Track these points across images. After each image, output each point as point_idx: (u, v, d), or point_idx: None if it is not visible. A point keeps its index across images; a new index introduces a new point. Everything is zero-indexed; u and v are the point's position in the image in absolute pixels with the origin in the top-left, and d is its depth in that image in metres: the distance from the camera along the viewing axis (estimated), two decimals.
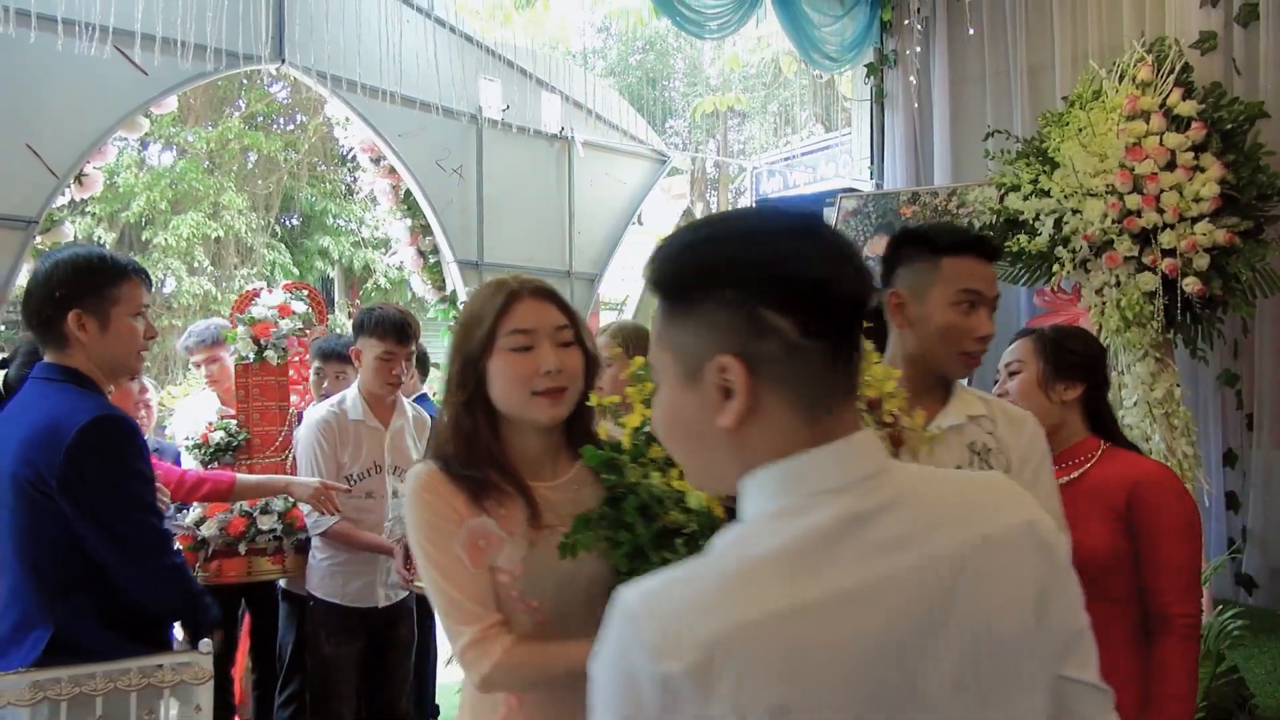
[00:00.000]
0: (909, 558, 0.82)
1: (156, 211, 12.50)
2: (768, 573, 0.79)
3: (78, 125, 3.98)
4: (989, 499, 0.90)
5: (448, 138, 5.27)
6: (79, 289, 2.03)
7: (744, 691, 0.74)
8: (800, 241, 0.85)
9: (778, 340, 0.82)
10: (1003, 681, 0.84)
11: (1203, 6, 4.05)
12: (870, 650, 0.79)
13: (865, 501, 0.84)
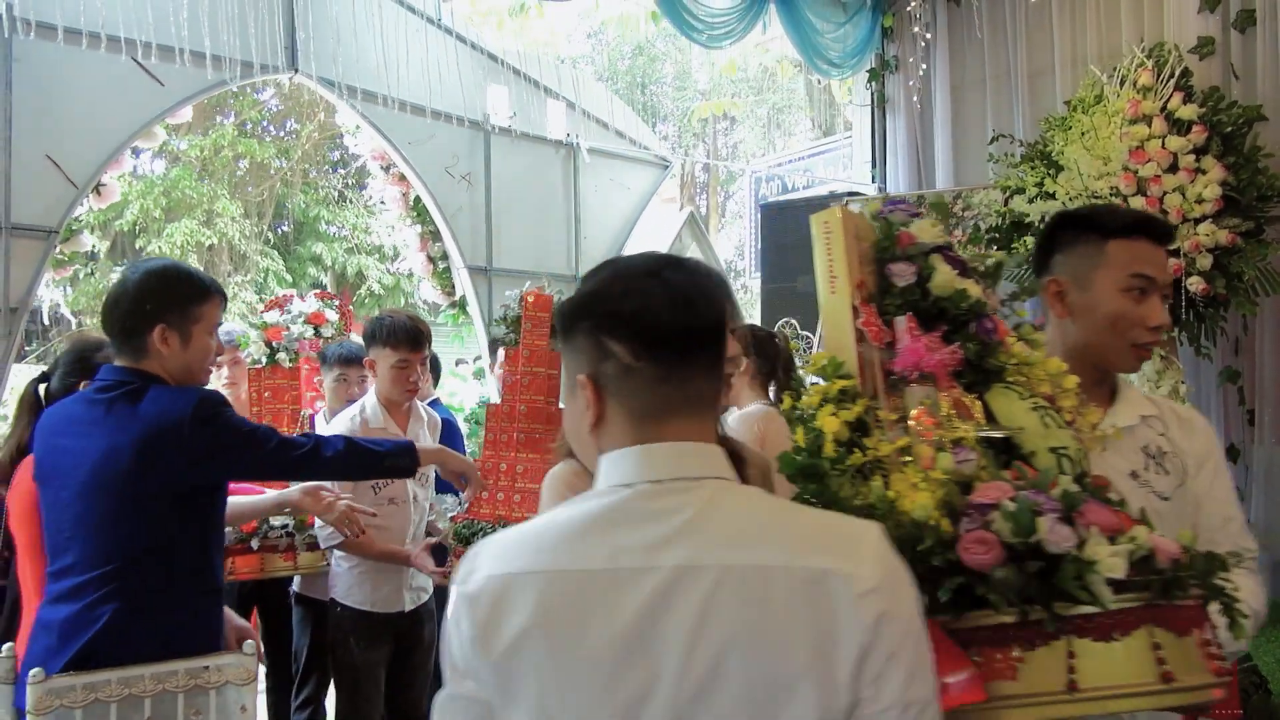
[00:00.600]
0: (668, 558, 0.95)
1: (150, 219, 12.50)
2: (548, 537, 1.00)
3: (96, 136, 4.02)
4: (807, 538, 0.98)
5: (456, 145, 5.33)
6: (168, 304, 2.12)
7: (492, 624, 0.97)
8: (641, 283, 1.03)
9: (615, 363, 1.01)
10: (723, 703, 0.93)
11: (1200, 12, 4.15)
12: (605, 626, 0.95)
13: (650, 502, 0.99)
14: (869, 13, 5.19)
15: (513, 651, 0.97)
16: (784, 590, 0.94)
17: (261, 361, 3.32)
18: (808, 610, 0.93)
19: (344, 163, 15.79)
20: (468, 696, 1.02)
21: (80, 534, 2.11)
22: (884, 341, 1.33)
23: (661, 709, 0.94)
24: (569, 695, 0.96)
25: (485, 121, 5.46)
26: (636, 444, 1.02)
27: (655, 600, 0.95)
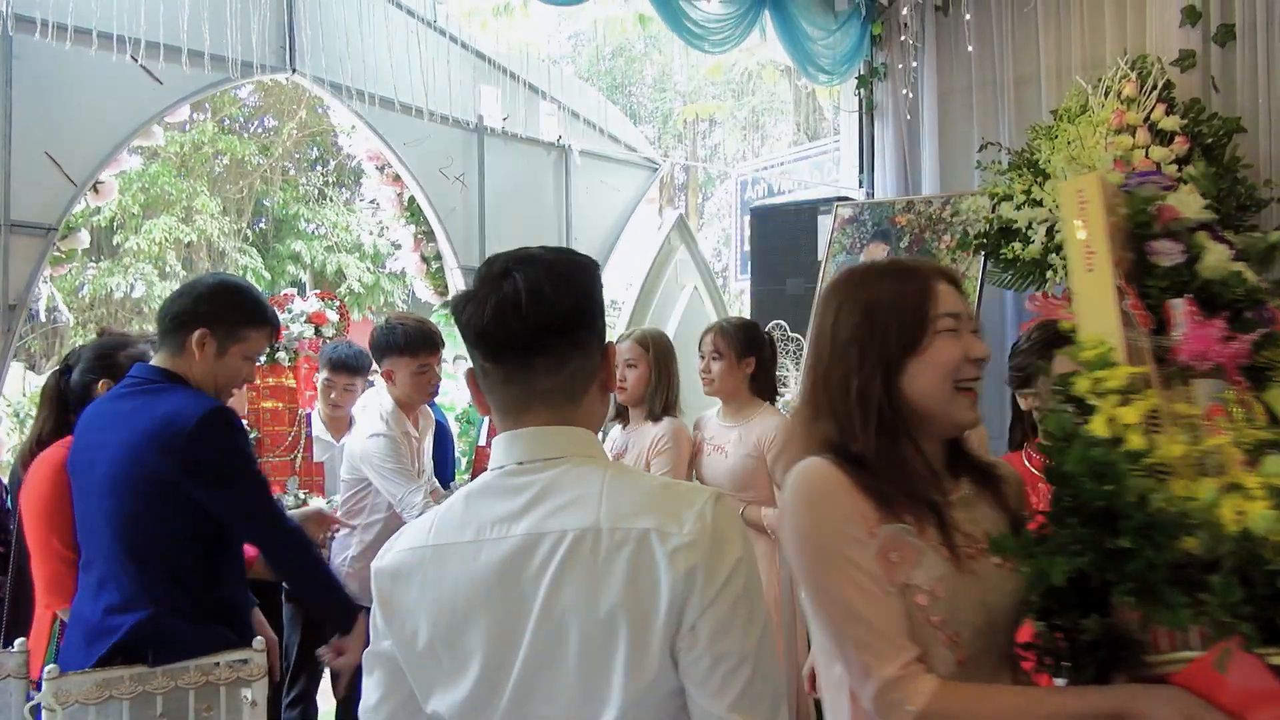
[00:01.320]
0: (518, 528, 1.10)
1: (128, 215, 12.39)
2: (439, 517, 1.17)
3: (95, 134, 4.03)
4: (632, 504, 1.08)
5: (450, 146, 5.37)
6: (220, 312, 2.18)
7: (393, 592, 1.15)
8: (482, 290, 1.14)
9: (477, 365, 1.17)
10: (567, 674, 1.07)
11: (1182, 26, 4.26)
12: (470, 588, 1.10)
13: (509, 479, 1.13)
14: (859, 21, 5.28)
15: (407, 613, 1.14)
16: (610, 549, 1.05)
17: (260, 360, 3.34)
18: (630, 567, 1.04)
19: (323, 160, 15.73)
20: (382, 652, 1.18)
21: (100, 528, 2.14)
22: (1151, 327, 1.22)
23: (521, 659, 1.08)
24: (457, 647, 1.11)
25: (479, 123, 5.50)
26: (506, 431, 1.17)
27: (507, 566, 1.09)
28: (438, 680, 1.14)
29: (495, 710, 1.10)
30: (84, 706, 2.18)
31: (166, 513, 2.09)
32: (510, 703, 1.09)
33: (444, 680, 1.13)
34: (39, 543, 2.46)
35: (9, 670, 2.31)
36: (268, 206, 14.74)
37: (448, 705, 1.12)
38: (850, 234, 4.82)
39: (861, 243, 4.77)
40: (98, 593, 2.14)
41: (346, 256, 14.79)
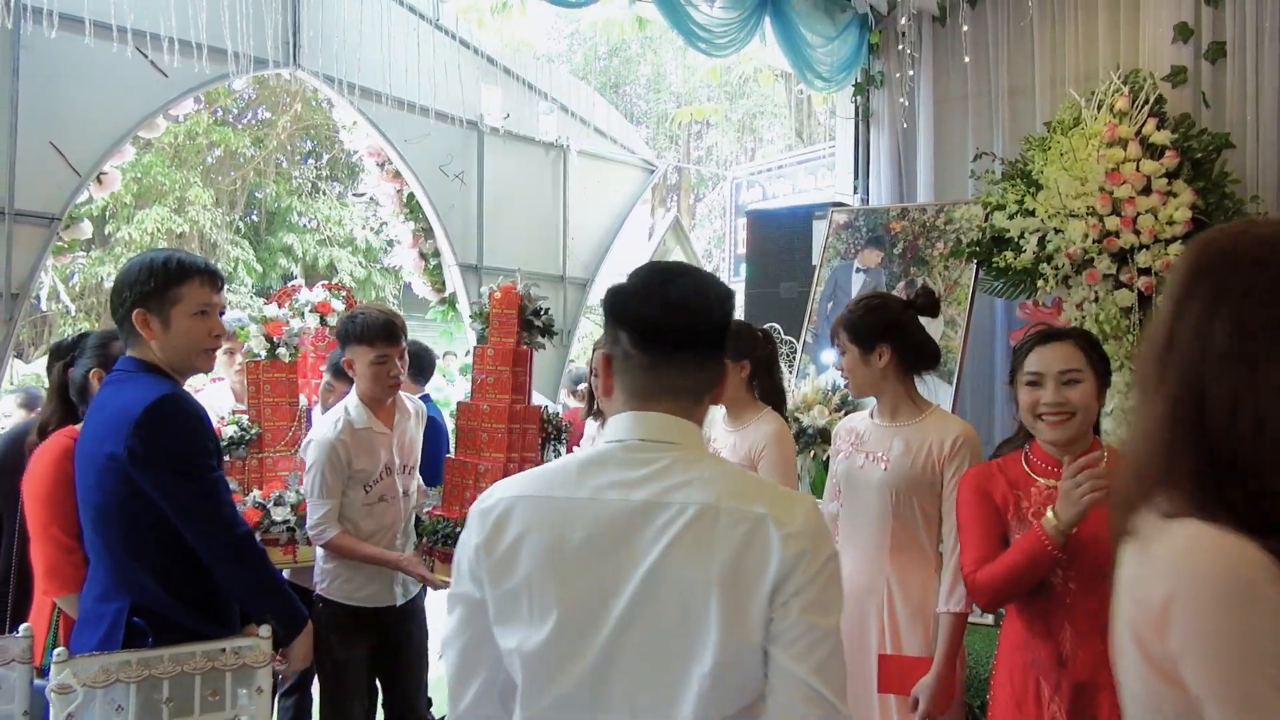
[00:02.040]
0: (637, 495, 1.23)
1: (121, 205, 12.35)
2: (549, 473, 1.30)
3: (100, 125, 4.05)
4: (749, 492, 1.23)
5: (451, 144, 5.41)
6: (143, 289, 2.16)
7: (496, 532, 1.26)
8: (652, 288, 1.29)
9: (620, 348, 1.29)
10: (668, 626, 1.19)
11: (1174, 42, 4.34)
12: (580, 541, 1.22)
13: (632, 454, 1.26)
14: (857, 29, 5.35)
15: (509, 553, 1.25)
16: (727, 525, 1.19)
17: (260, 355, 3.32)
18: (744, 543, 1.19)
19: (316, 154, 15.71)
20: (465, 595, 1.30)
21: (85, 519, 2.19)
22: None
23: (621, 608, 1.20)
24: (549, 589, 1.23)
25: (479, 122, 5.54)
26: (630, 411, 1.29)
27: (624, 527, 1.22)
28: (521, 620, 1.24)
29: (581, 655, 1.21)
30: (91, 689, 2.21)
31: (132, 503, 2.10)
32: (601, 651, 1.21)
33: (528, 621, 1.24)
34: (39, 529, 2.49)
35: (13, 655, 2.33)
36: (260, 199, 14.71)
37: (531, 644, 1.23)
38: (845, 239, 4.88)
39: (856, 248, 4.84)
40: (90, 583, 2.19)
41: (339, 250, 14.78)
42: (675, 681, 1.20)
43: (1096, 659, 2.06)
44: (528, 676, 1.25)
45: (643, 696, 1.21)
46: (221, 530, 2.18)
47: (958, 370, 4.29)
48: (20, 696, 2.30)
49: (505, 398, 3.02)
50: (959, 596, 2.34)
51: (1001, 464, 2.28)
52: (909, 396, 2.55)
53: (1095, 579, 2.05)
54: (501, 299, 3.04)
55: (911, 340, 2.52)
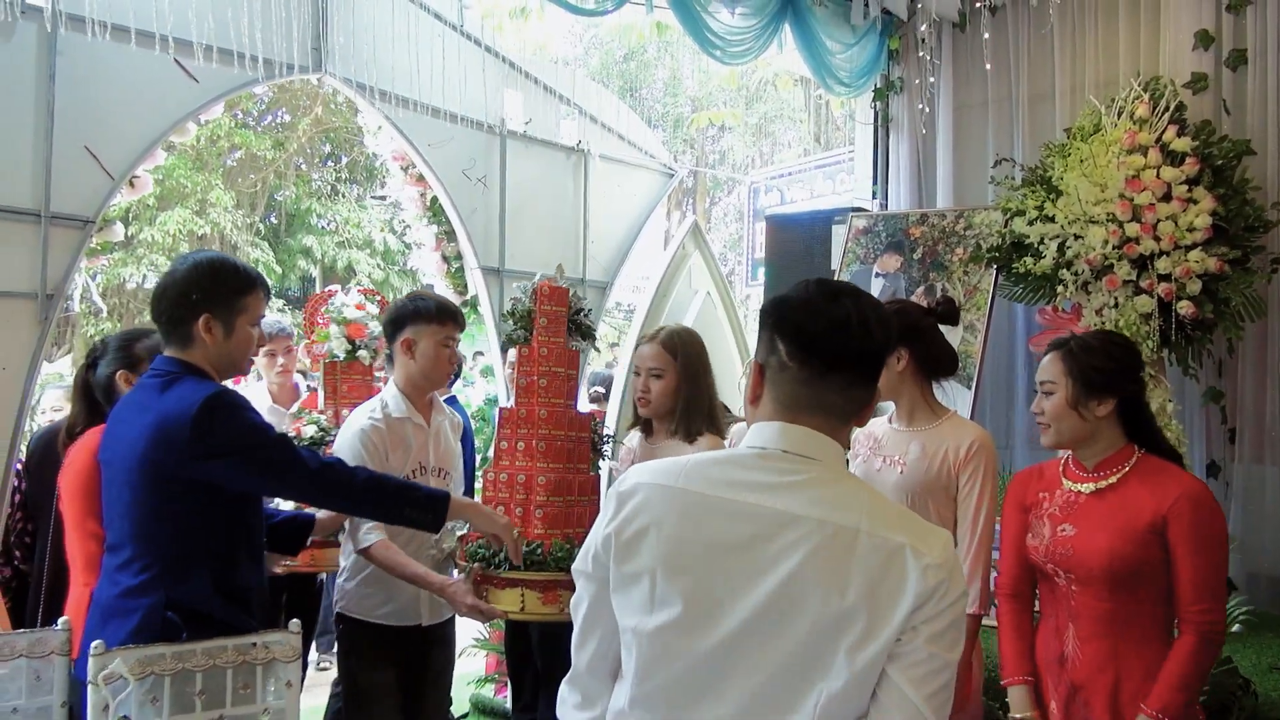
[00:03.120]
0: (776, 503, 1.25)
1: (144, 206, 12.48)
2: (689, 466, 1.32)
3: (133, 129, 4.11)
4: (890, 520, 1.25)
5: (473, 148, 5.46)
6: (212, 295, 2.21)
7: (629, 515, 1.31)
8: (818, 303, 1.31)
9: (778, 358, 1.31)
10: (795, 637, 1.22)
11: (1195, 49, 4.35)
12: (714, 537, 1.26)
13: (775, 463, 1.28)
14: (877, 35, 5.38)
15: (638, 536, 1.29)
16: (867, 549, 1.22)
17: (339, 356, 3.30)
18: (882, 569, 1.21)
19: (336, 156, 15.83)
20: (589, 573, 1.36)
21: (121, 516, 2.21)
22: None
23: (748, 610, 1.23)
24: (675, 577, 1.26)
25: (501, 126, 5.60)
26: (778, 421, 1.31)
27: (758, 532, 1.25)
28: (643, 602, 1.29)
29: (699, 647, 1.25)
30: (126, 681, 2.27)
31: (174, 505, 2.15)
32: (720, 645, 1.24)
33: (650, 604, 1.28)
34: (76, 524, 2.55)
35: (53, 647, 2.39)
36: (280, 201, 14.84)
37: (649, 626, 1.28)
38: (864, 244, 4.91)
39: (875, 253, 4.86)
40: (116, 576, 2.21)
41: (357, 252, 14.90)
42: (794, 693, 1.23)
43: (1095, 662, 2.11)
44: (642, 657, 1.29)
45: (756, 701, 1.24)
46: (312, 473, 2.23)
47: (977, 375, 4.32)
48: (59, 688, 2.36)
49: (561, 402, 2.73)
50: (972, 598, 2.39)
51: (1045, 466, 2.35)
52: (925, 401, 2.59)
53: (1099, 585, 2.10)
54: (550, 294, 2.75)
55: (929, 346, 2.56)
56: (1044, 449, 2.39)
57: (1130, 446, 2.18)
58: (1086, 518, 2.14)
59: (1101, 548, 2.07)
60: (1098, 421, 2.16)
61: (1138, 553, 2.04)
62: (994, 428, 4.93)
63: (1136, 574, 2.05)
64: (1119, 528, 2.07)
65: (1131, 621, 2.08)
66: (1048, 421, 2.22)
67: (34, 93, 3.84)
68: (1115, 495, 2.13)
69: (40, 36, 3.84)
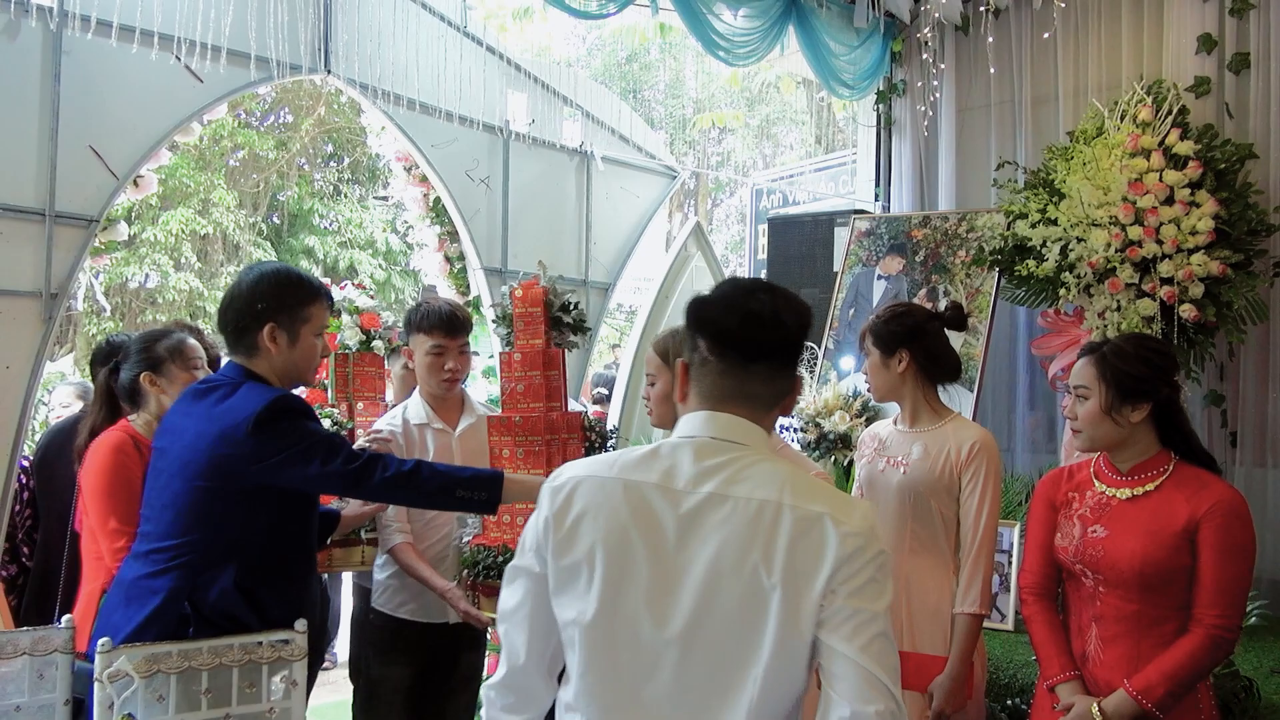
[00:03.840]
0: (705, 487, 1.30)
1: (146, 206, 12.49)
2: (622, 458, 1.37)
3: (138, 129, 4.13)
4: (811, 493, 1.30)
5: (476, 149, 5.48)
6: (278, 304, 2.25)
7: (564, 507, 1.35)
8: (734, 299, 1.38)
9: (699, 354, 1.39)
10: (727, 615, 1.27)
11: (1198, 53, 4.36)
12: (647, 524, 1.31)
13: (702, 448, 1.34)
14: (880, 38, 5.38)
15: (574, 528, 1.34)
16: (789, 521, 1.27)
17: (352, 347, 3.20)
18: (803, 538, 1.26)
19: (338, 156, 15.84)
20: (526, 568, 1.39)
21: (165, 506, 2.24)
22: None
23: (683, 595, 1.28)
24: (612, 566, 1.31)
25: (505, 127, 5.61)
26: (705, 410, 1.38)
27: (688, 515, 1.30)
28: (581, 593, 1.32)
29: (639, 634, 1.30)
30: (132, 679, 2.28)
31: (218, 506, 2.18)
32: (658, 631, 1.28)
33: (587, 595, 1.31)
34: (99, 521, 2.55)
35: (55, 646, 2.40)
36: (282, 201, 14.85)
37: (588, 617, 1.32)
38: (866, 246, 4.92)
39: (878, 255, 4.87)
40: (146, 559, 2.25)
41: (359, 252, 14.89)
42: (731, 672, 1.26)
43: (1117, 662, 2.12)
44: (583, 650, 1.32)
45: (695, 682, 1.28)
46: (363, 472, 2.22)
47: (979, 378, 4.32)
48: (62, 686, 2.36)
49: (539, 405, 2.74)
50: (973, 598, 2.42)
51: (1076, 467, 2.35)
52: (927, 403, 2.61)
53: (1125, 589, 2.11)
54: (524, 296, 2.78)
55: (931, 349, 2.59)
56: (1045, 451, 2.42)
57: (1165, 453, 2.17)
58: (1119, 521, 2.14)
59: (1134, 551, 2.08)
60: (1132, 427, 2.15)
61: (1170, 558, 2.05)
62: (996, 430, 4.93)
63: (1165, 579, 2.06)
64: (1152, 532, 2.08)
65: (1155, 625, 2.09)
66: (1081, 426, 2.21)
67: (39, 92, 3.85)
68: (1150, 501, 2.12)
69: (46, 36, 3.86)
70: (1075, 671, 2.18)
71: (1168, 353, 2.23)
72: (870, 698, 1.22)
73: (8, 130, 3.79)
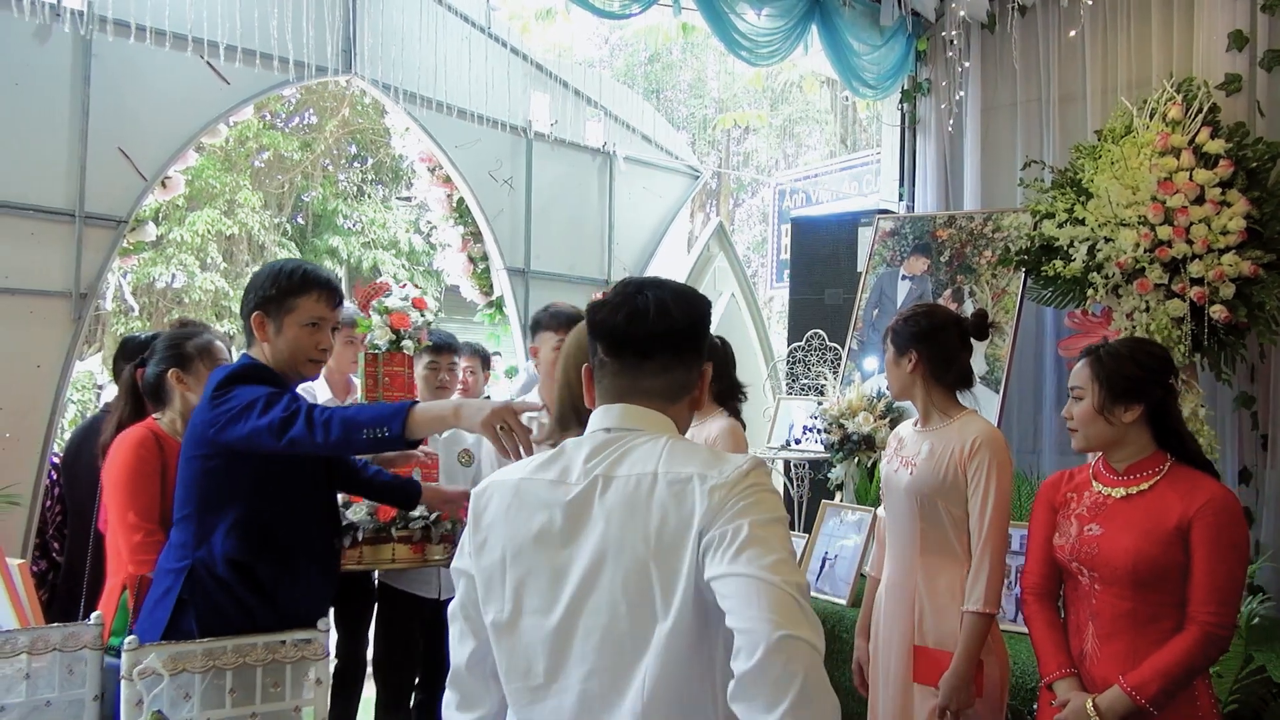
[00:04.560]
0: (594, 471, 1.33)
1: (173, 207, 12.62)
2: (533, 461, 1.42)
3: (165, 131, 4.18)
4: (685, 459, 1.31)
5: (500, 150, 5.50)
6: (265, 293, 2.34)
7: (479, 510, 1.40)
8: (620, 299, 1.40)
9: (597, 357, 1.43)
10: (616, 595, 1.27)
11: (1229, 50, 4.29)
12: (547, 513, 1.33)
13: (597, 440, 1.37)
14: (904, 37, 5.35)
15: (486, 533, 1.38)
16: (661, 491, 1.28)
17: (381, 347, 3.19)
18: (675, 502, 1.26)
19: (362, 157, 15.94)
20: (462, 570, 1.42)
21: (181, 491, 2.34)
22: None
23: (573, 584, 1.29)
24: (516, 568, 1.34)
25: (528, 127, 5.63)
26: (603, 406, 1.42)
27: (578, 504, 1.32)
28: (495, 597, 1.34)
29: (539, 633, 1.31)
30: (160, 676, 2.30)
31: (201, 477, 2.28)
32: (555, 628, 1.30)
33: (500, 598, 1.33)
34: (118, 516, 2.59)
35: (85, 642, 2.43)
36: (307, 202, 14.96)
37: (500, 620, 1.34)
38: (891, 247, 4.89)
39: (902, 256, 4.84)
40: (172, 544, 2.36)
41: (383, 253, 14.98)
42: (628, 654, 1.25)
43: (1113, 660, 2.14)
44: (500, 653, 1.35)
45: (599, 667, 1.27)
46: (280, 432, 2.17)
47: (1005, 379, 4.28)
48: (91, 681, 2.39)
49: None
50: (978, 596, 2.43)
51: (1077, 470, 2.39)
52: (937, 404, 2.61)
53: (1119, 586, 2.15)
54: None
55: (941, 353, 2.59)
56: (1073, 454, 2.41)
57: (1160, 454, 2.22)
58: (1114, 519, 2.19)
59: (1127, 548, 2.12)
60: (1124, 427, 2.21)
61: (1162, 555, 2.09)
62: (1022, 432, 4.88)
63: (1159, 576, 2.09)
64: (1145, 530, 2.12)
65: (1150, 622, 2.11)
66: (1076, 426, 2.28)
67: (69, 95, 3.91)
68: (1144, 500, 2.17)
69: (75, 40, 3.91)
70: (1072, 669, 2.21)
71: (1163, 356, 2.28)
72: (764, 608, 1.13)
73: (39, 133, 3.84)
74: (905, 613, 2.55)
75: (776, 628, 1.12)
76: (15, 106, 3.80)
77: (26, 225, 3.82)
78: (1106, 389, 2.20)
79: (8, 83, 3.78)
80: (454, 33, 5.14)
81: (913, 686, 2.51)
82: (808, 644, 1.12)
